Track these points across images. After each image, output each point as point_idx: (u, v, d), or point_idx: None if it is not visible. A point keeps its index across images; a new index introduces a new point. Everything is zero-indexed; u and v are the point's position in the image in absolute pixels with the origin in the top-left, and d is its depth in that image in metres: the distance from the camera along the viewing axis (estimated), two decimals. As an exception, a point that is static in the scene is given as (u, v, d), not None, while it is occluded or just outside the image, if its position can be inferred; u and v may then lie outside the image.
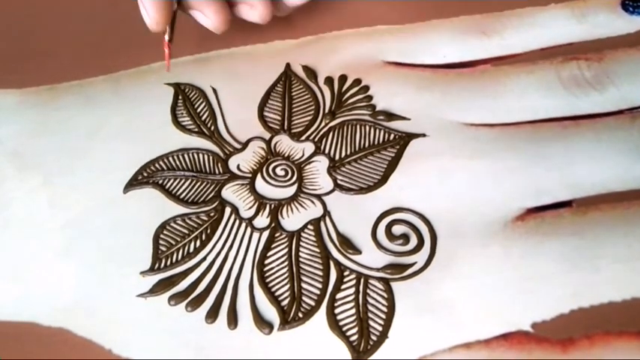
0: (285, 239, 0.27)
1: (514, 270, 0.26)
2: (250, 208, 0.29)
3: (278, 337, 0.25)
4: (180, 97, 0.33)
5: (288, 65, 0.34)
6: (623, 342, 0.24)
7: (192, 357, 0.24)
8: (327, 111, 0.32)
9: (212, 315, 0.25)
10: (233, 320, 0.25)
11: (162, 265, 0.27)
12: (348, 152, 0.30)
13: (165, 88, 0.33)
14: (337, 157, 0.30)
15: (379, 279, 0.26)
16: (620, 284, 0.25)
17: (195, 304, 0.26)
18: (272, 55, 0.34)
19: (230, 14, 0.31)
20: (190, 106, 0.32)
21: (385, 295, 0.25)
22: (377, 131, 0.31)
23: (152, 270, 0.27)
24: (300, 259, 0.27)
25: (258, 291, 0.26)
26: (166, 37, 0.31)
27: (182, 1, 0.30)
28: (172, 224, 0.28)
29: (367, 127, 0.31)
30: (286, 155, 0.30)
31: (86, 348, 0.25)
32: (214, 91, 0.33)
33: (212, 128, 0.31)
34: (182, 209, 0.29)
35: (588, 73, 0.32)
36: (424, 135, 0.30)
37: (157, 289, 0.26)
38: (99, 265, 0.27)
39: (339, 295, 0.26)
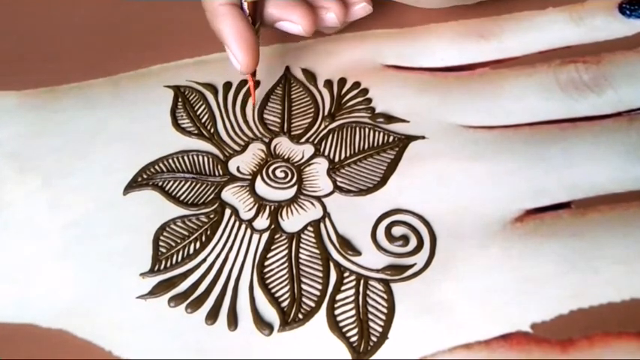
0: (285, 241, 0.27)
1: (513, 271, 0.26)
2: (250, 209, 0.29)
3: (278, 339, 0.25)
4: (180, 100, 0.33)
5: (287, 68, 0.34)
6: (622, 342, 0.24)
7: (193, 358, 0.24)
8: (326, 113, 0.32)
9: (212, 316, 0.25)
10: (233, 321, 0.25)
11: (162, 266, 0.27)
12: (348, 154, 0.30)
13: (165, 90, 0.33)
14: (337, 159, 0.30)
15: (379, 280, 0.26)
16: (619, 285, 0.25)
17: (195, 305, 0.26)
18: (272, 58, 0.34)
19: (315, 15, 0.30)
20: (190, 108, 0.32)
21: (385, 296, 0.25)
22: (376, 133, 0.31)
23: (152, 271, 0.27)
24: (300, 261, 0.27)
25: (258, 292, 0.26)
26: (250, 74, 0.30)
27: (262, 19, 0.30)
28: (172, 226, 0.28)
29: (366, 130, 0.31)
30: (286, 157, 0.30)
31: (86, 350, 0.25)
32: (215, 92, 0.33)
33: (212, 130, 0.31)
34: (182, 211, 0.29)
35: (586, 76, 0.32)
36: (423, 137, 0.30)
37: (156, 291, 0.26)
38: (99, 266, 0.27)
39: (339, 297, 0.26)
